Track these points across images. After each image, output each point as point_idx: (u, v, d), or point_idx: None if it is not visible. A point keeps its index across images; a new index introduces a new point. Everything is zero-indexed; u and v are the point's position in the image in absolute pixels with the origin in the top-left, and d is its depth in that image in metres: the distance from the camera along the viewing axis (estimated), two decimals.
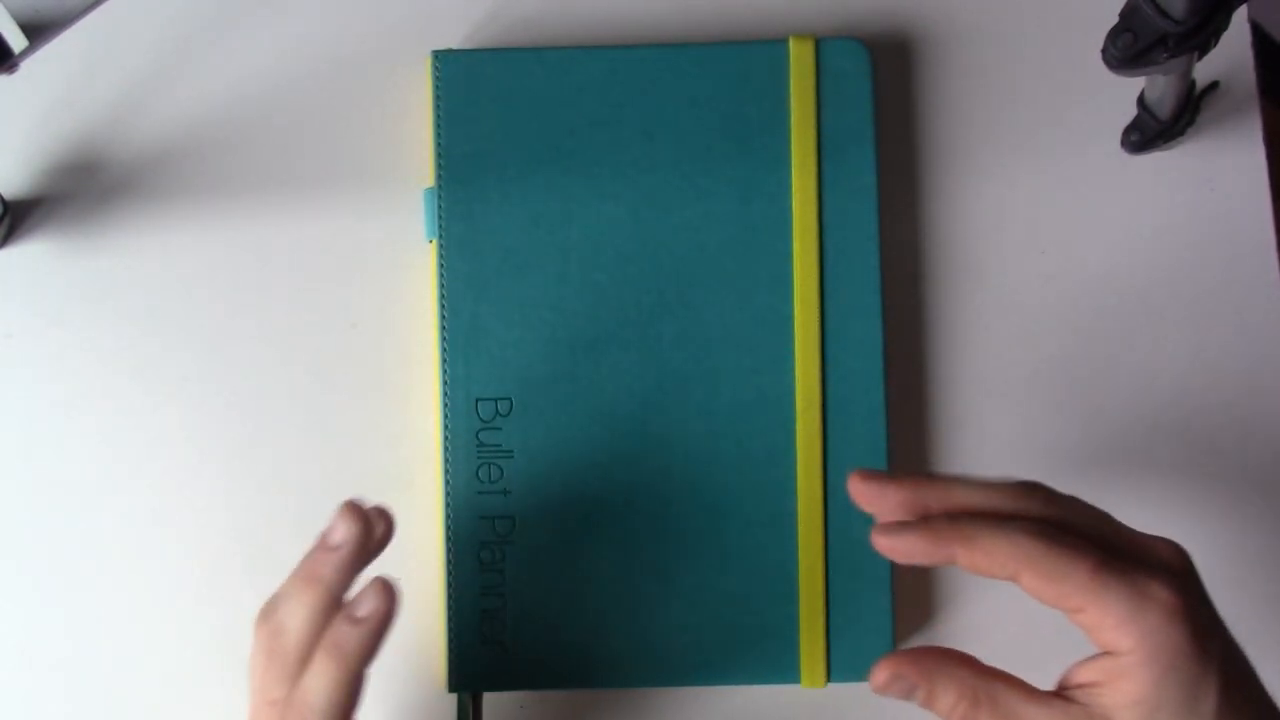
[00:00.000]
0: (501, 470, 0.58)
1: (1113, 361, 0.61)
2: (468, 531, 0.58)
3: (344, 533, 0.49)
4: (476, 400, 0.58)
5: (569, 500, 0.58)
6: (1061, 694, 0.46)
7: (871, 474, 0.48)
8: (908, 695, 0.47)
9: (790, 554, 0.58)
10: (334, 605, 0.49)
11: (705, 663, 0.58)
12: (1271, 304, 0.61)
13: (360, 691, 0.48)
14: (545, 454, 0.58)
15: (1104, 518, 0.48)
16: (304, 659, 0.48)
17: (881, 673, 0.47)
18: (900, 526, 0.47)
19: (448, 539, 0.58)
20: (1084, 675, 0.46)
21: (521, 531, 0.58)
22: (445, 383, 0.58)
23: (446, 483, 0.58)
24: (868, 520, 0.57)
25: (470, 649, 0.57)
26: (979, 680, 0.47)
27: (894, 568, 0.58)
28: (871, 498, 0.48)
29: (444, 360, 0.58)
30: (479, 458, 0.58)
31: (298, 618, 0.49)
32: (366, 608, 0.48)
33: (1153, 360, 0.61)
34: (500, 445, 0.58)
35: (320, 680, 0.48)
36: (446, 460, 0.58)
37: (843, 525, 0.58)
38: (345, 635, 0.48)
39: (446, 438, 0.58)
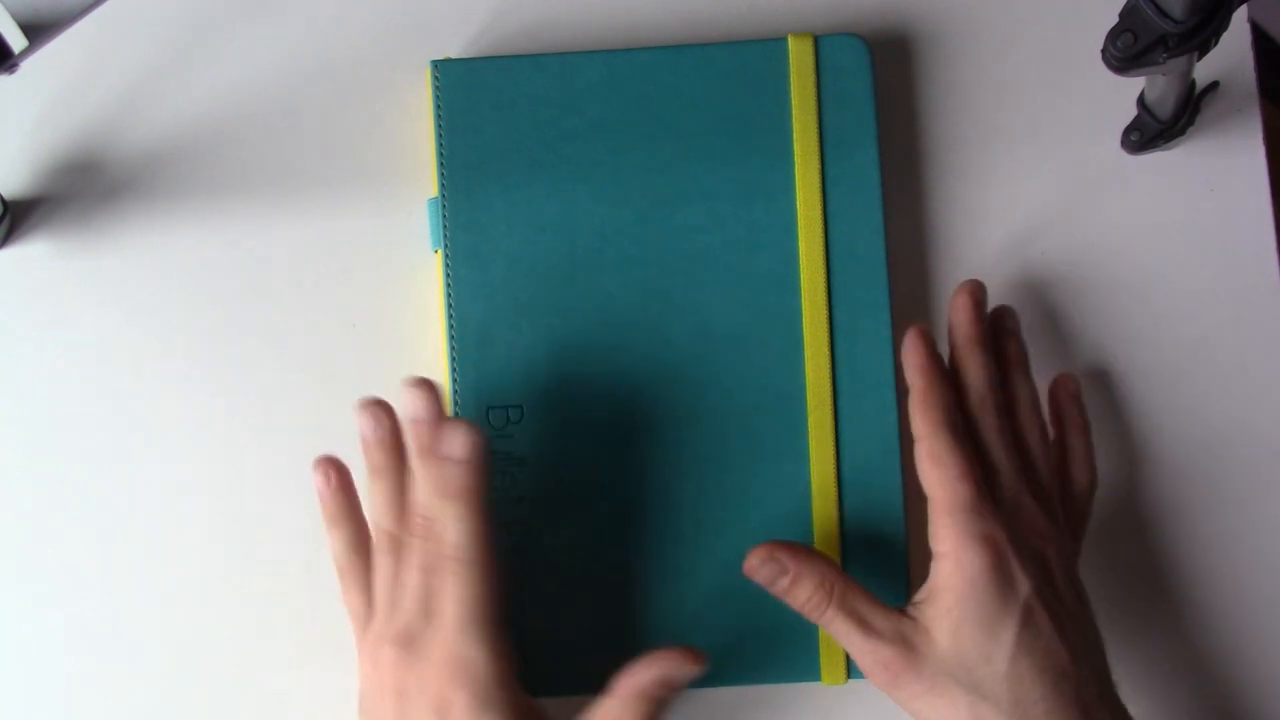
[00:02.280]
0: (515, 478, 0.58)
1: (1112, 360, 0.61)
2: None
3: (367, 421, 0.54)
4: (488, 409, 0.58)
5: (584, 505, 0.58)
6: (898, 608, 0.54)
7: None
8: (774, 579, 0.54)
9: None
10: (401, 483, 0.54)
11: (725, 663, 0.58)
12: (1271, 304, 0.61)
13: (491, 526, 0.52)
14: (558, 460, 0.58)
15: (1031, 450, 0.56)
16: (419, 527, 0.53)
17: (757, 555, 0.54)
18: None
19: None
20: (918, 593, 0.54)
21: (535, 539, 0.58)
22: (456, 392, 0.58)
23: None
24: (883, 518, 0.58)
25: None
26: (838, 578, 0.54)
27: (910, 564, 0.58)
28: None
29: (454, 370, 0.58)
30: (491, 466, 0.58)
31: (379, 508, 0.54)
32: (454, 446, 0.52)
33: (1152, 360, 0.61)
34: (513, 453, 0.58)
35: (452, 523, 0.52)
36: None
37: (858, 521, 0.58)
38: (449, 475, 0.52)
39: None
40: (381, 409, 0.55)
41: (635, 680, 0.52)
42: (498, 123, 0.59)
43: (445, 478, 0.52)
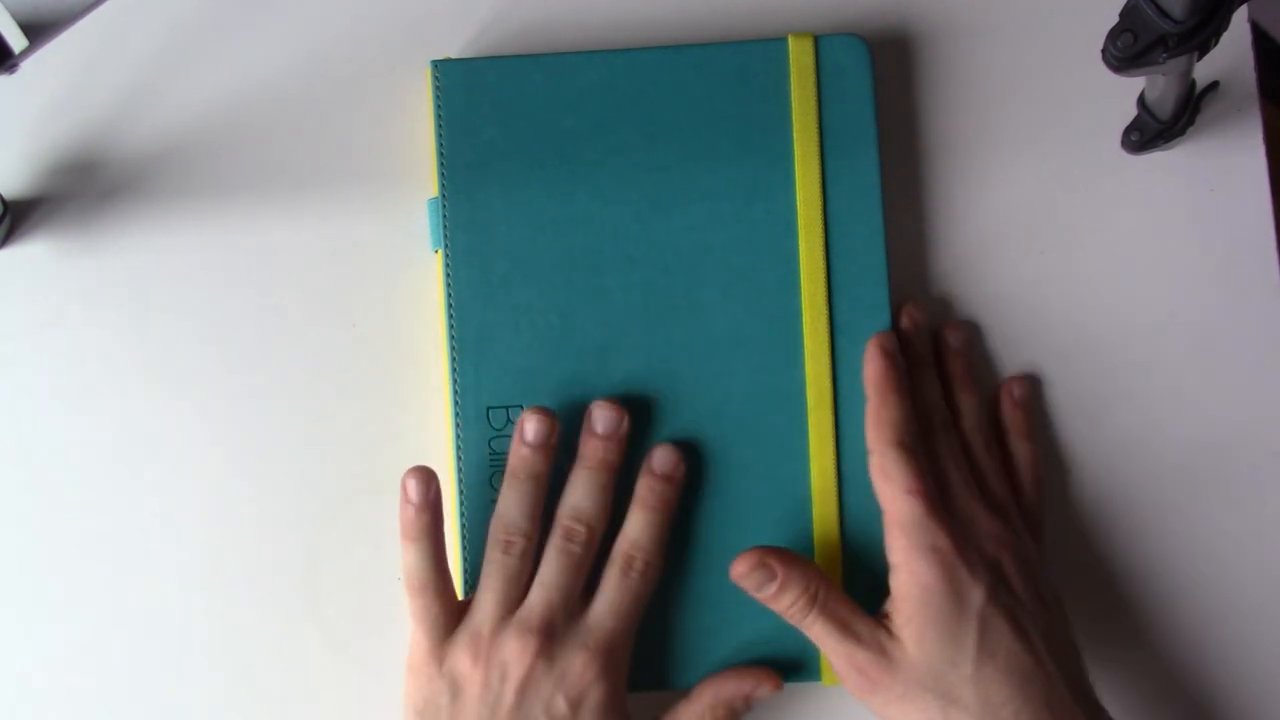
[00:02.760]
0: None
1: (1112, 360, 0.61)
2: (482, 540, 0.57)
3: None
4: (488, 409, 0.58)
5: None
6: (876, 615, 0.55)
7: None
8: (761, 585, 0.55)
9: (806, 551, 0.58)
10: (539, 492, 0.56)
11: (726, 664, 0.58)
12: (1271, 304, 0.61)
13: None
14: (558, 459, 0.58)
15: (979, 459, 0.58)
16: (569, 530, 0.56)
17: (746, 561, 0.55)
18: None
19: (463, 548, 0.58)
20: (885, 605, 0.56)
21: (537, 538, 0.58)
22: (456, 392, 0.58)
23: (460, 491, 0.58)
24: (882, 517, 0.57)
25: None
26: (822, 583, 0.55)
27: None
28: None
29: (454, 369, 0.58)
30: (491, 466, 0.58)
31: (515, 508, 0.56)
32: (660, 462, 0.57)
33: (1152, 360, 0.61)
34: None
35: (638, 527, 0.57)
36: (459, 469, 0.58)
37: (858, 522, 0.58)
38: (656, 490, 0.57)
39: (459, 446, 0.58)
40: (546, 418, 0.56)
41: (720, 689, 0.56)
42: (498, 123, 0.59)
43: (657, 491, 0.57)
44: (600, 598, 0.56)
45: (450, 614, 0.56)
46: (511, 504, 0.56)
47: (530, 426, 0.56)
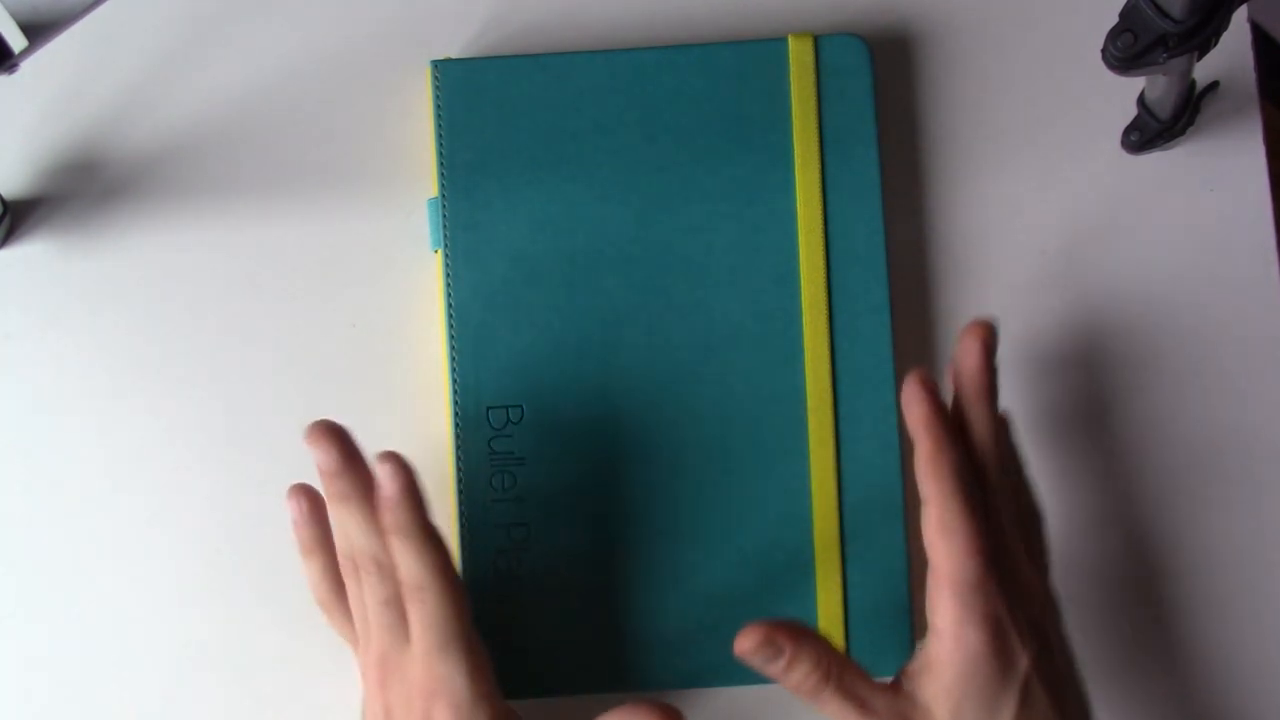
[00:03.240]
0: (515, 478, 0.58)
1: (1112, 361, 0.61)
2: (482, 539, 0.58)
3: (322, 453, 0.53)
4: (488, 408, 0.58)
5: (583, 506, 0.58)
6: (894, 684, 0.52)
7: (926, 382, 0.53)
8: (769, 661, 0.51)
9: (806, 553, 0.58)
10: (366, 509, 0.53)
11: (724, 665, 0.57)
12: (1271, 304, 0.61)
13: (443, 548, 0.52)
14: (558, 460, 0.58)
15: (1030, 521, 0.54)
16: (368, 566, 0.53)
17: (753, 637, 0.51)
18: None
19: (463, 547, 0.58)
20: (912, 665, 0.52)
21: (536, 538, 0.58)
22: (455, 392, 0.58)
23: (460, 491, 0.58)
24: (884, 519, 0.58)
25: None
26: (834, 658, 0.51)
27: (911, 564, 0.58)
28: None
29: (454, 369, 0.58)
30: (492, 466, 0.58)
31: (344, 538, 0.54)
32: (385, 486, 0.52)
33: (1152, 360, 0.61)
34: (513, 452, 0.58)
35: (404, 558, 0.52)
36: (459, 469, 0.58)
37: (858, 523, 0.58)
38: (392, 516, 0.52)
39: (459, 446, 0.58)
40: (335, 438, 0.53)
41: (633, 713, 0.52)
42: (498, 123, 0.59)
43: (388, 519, 0.52)
44: (413, 633, 0.52)
45: (353, 629, 0.55)
46: (356, 532, 0.54)
47: (315, 456, 0.53)
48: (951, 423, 0.52)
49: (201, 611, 0.60)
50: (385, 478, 0.52)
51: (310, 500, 0.56)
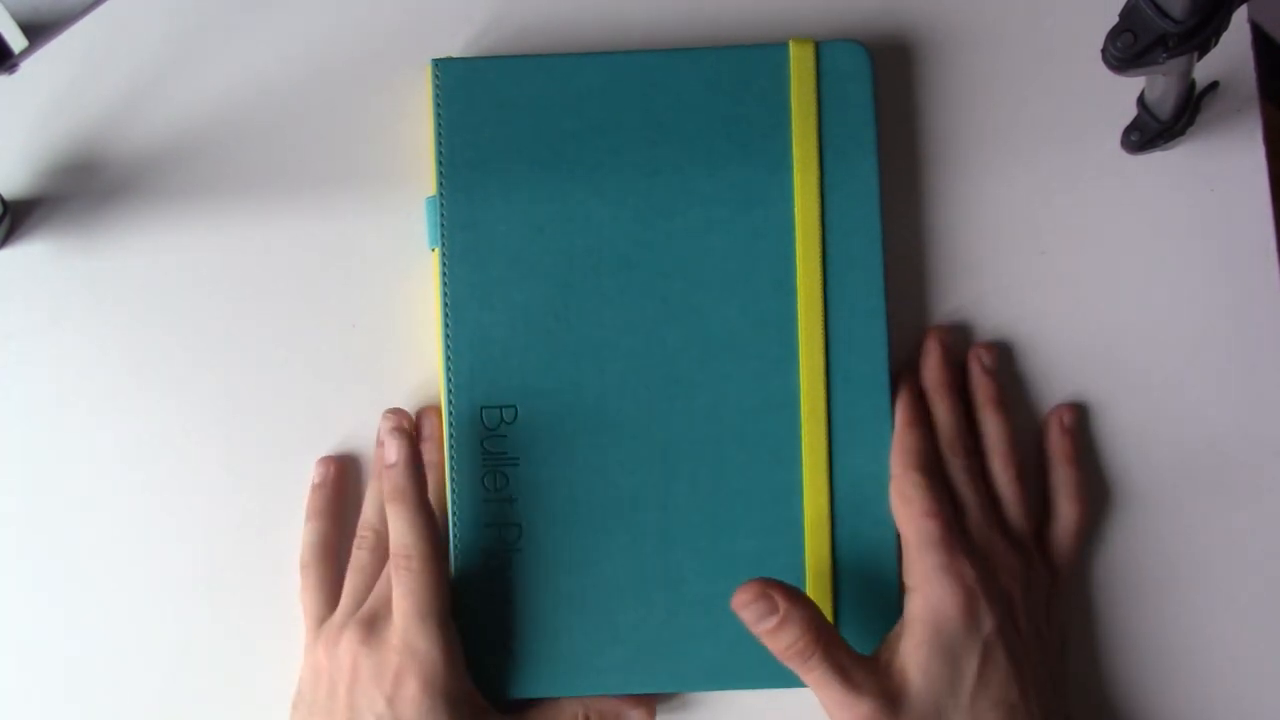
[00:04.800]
0: (507, 478, 0.58)
1: (1112, 361, 0.61)
2: (474, 539, 0.58)
3: (395, 449, 0.57)
4: (481, 408, 0.58)
5: (575, 506, 0.58)
6: (875, 656, 0.54)
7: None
8: (762, 618, 0.54)
9: (797, 557, 0.58)
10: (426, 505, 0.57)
11: (715, 666, 0.57)
12: (1271, 304, 0.61)
13: (433, 522, 0.56)
14: (551, 461, 0.58)
15: (1000, 487, 0.58)
16: (364, 538, 0.59)
17: (748, 590, 0.54)
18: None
19: (454, 547, 0.58)
20: (892, 632, 0.55)
21: (528, 539, 0.58)
22: (450, 390, 0.58)
23: (452, 491, 0.58)
24: (875, 523, 0.58)
25: (479, 656, 0.57)
26: (824, 625, 0.54)
27: (901, 570, 0.58)
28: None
29: (448, 368, 0.58)
30: (485, 465, 0.58)
31: (368, 508, 0.59)
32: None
33: (1152, 360, 0.61)
34: (506, 453, 0.58)
35: (396, 523, 0.56)
36: (452, 468, 0.58)
37: (849, 527, 0.58)
38: (391, 481, 0.56)
39: (452, 445, 0.58)
40: (401, 428, 0.58)
41: (602, 702, 0.57)
42: (497, 122, 0.59)
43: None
44: (394, 599, 0.55)
45: (324, 602, 0.58)
46: (367, 503, 0.59)
47: (391, 450, 0.57)
48: (921, 413, 0.58)
49: (201, 611, 0.60)
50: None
51: (336, 469, 0.60)
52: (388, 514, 0.56)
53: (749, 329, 0.58)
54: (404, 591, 0.55)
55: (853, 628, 0.58)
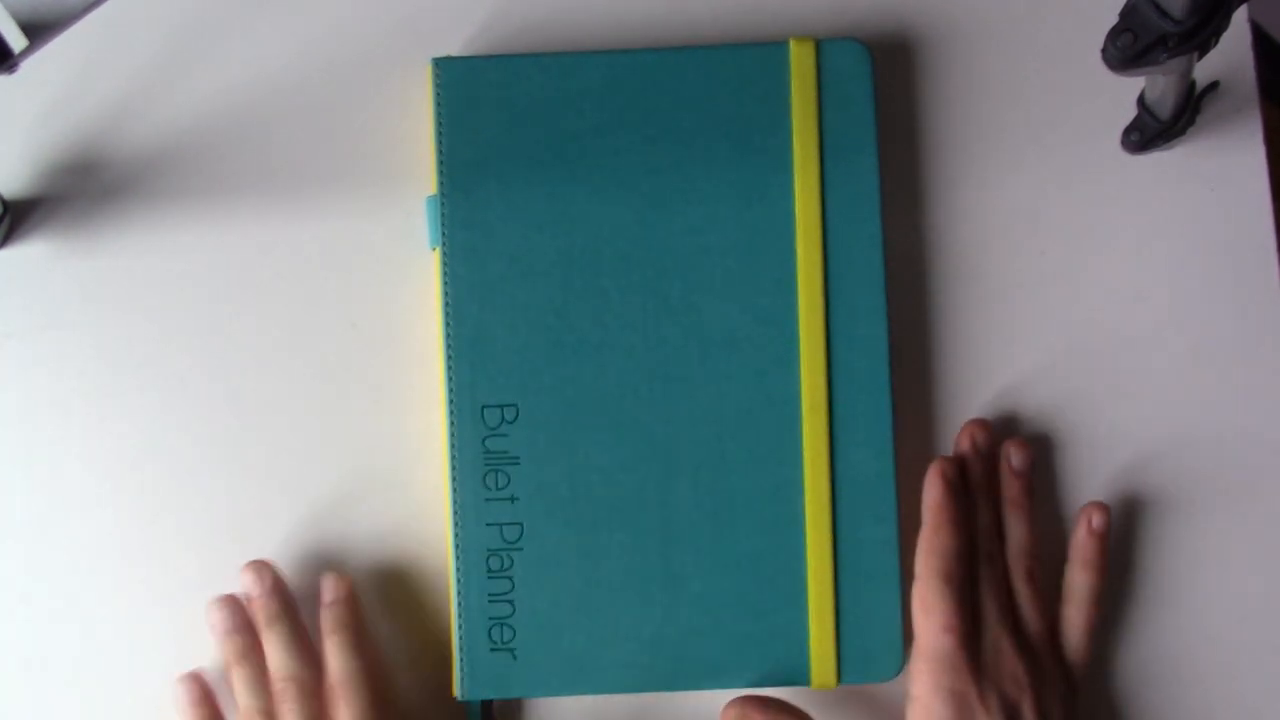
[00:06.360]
0: (509, 477, 0.58)
1: (1113, 361, 0.61)
2: (476, 538, 0.58)
3: (219, 614, 0.58)
4: (483, 407, 0.58)
5: (576, 506, 0.58)
6: None
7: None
8: None
9: (798, 555, 0.58)
10: (262, 662, 0.58)
11: (715, 666, 0.58)
12: (1271, 304, 0.61)
13: (369, 653, 0.57)
14: (552, 460, 0.58)
15: (1019, 594, 0.58)
16: (283, 690, 0.57)
17: (730, 711, 0.56)
18: None
19: (456, 546, 0.58)
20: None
21: (529, 538, 0.58)
22: (451, 390, 0.58)
23: (454, 490, 0.58)
24: (876, 521, 0.58)
25: (480, 656, 0.57)
26: None
27: (902, 569, 0.58)
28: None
29: (449, 367, 0.58)
30: (486, 464, 0.58)
31: (246, 691, 0.58)
32: (327, 592, 0.58)
33: (1152, 360, 0.61)
34: (507, 452, 0.58)
35: (335, 653, 0.57)
36: (453, 467, 0.58)
37: (850, 526, 0.58)
38: (328, 616, 0.58)
39: (453, 445, 0.58)
40: (230, 600, 0.58)
41: None
42: (498, 121, 0.59)
43: (325, 617, 0.58)
44: None
45: None
46: (240, 690, 0.58)
47: (211, 619, 0.58)
48: (955, 509, 0.58)
49: (200, 611, 0.60)
50: (328, 586, 0.58)
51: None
52: (326, 648, 0.57)
53: (749, 328, 0.58)
54: (356, 714, 0.56)
55: (853, 629, 0.58)
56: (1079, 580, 0.58)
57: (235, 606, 0.58)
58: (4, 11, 0.52)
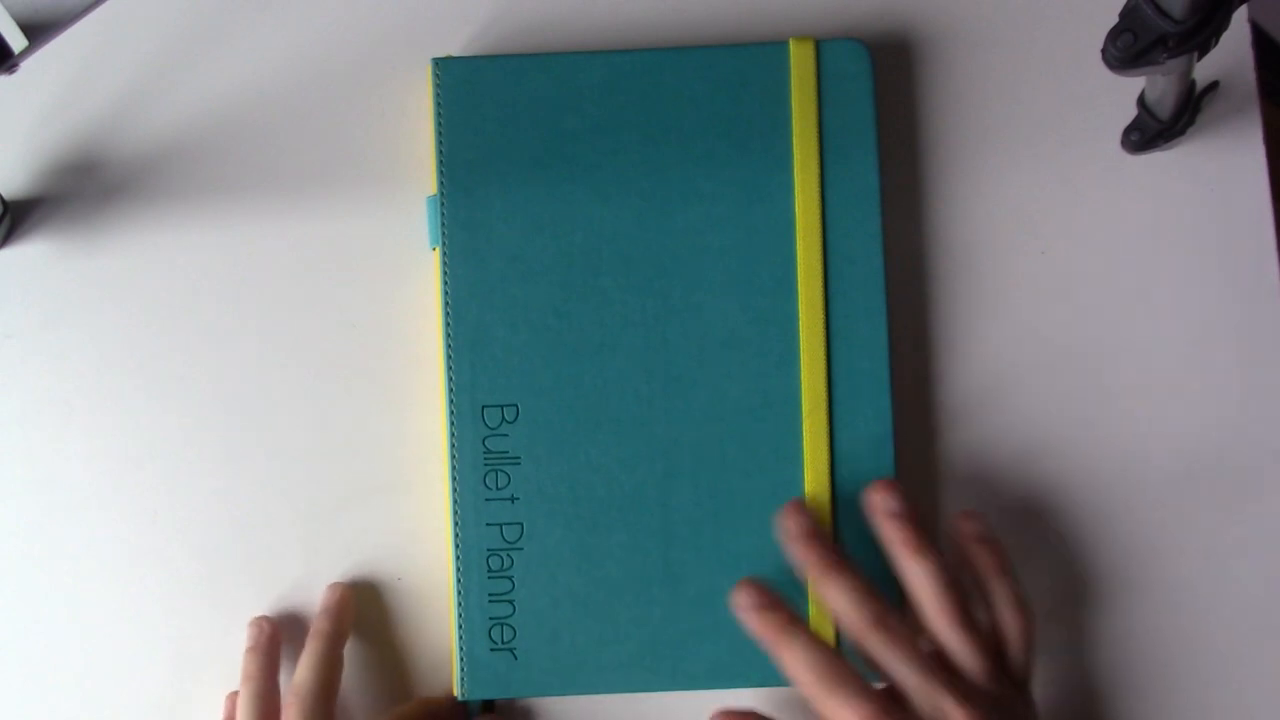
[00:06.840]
0: (509, 477, 0.58)
1: (1113, 361, 0.61)
2: (476, 538, 0.58)
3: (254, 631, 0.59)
4: (483, 407, 0.58)
5: (576, 505, 0.58)
6: None
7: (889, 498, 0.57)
8: None
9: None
10: (266, 687, 0.58)
11: (716, 666, 0.58)
12: (1271, 304, 0.61)
13: (337, 671, 0.58)
14: (552, 460, 0.58)
15: (954, 649, 0.54)
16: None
17: None
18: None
19: (456, 546, 0.58)
20: None
21: (530, 538, 0.58)
22: (451, 390, 0.58)
23: (454, 490, 0.58)
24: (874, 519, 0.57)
25: (481, 656, 0.57)
26: None
27: None
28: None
29: (449, 367, 0.58)
30: (486, 464, 0.58)
31: (244, 707, 0.58)
32: (322, 598, 0.59)
33: (1151, 360, 0.61)
34: (507, 451, 0.58)
35: (302, 662, 0.57)
36: (453, 467, 0.58)
37: (849, 526, 0.58)
38: (315, 621, 0.58)
39: (453, 445, 0.58)
40: (263, 620, 0.59)
41: None
42: (498, 121, 0.59)
43: (315, 624, 0.59)
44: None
45: None
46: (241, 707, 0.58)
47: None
48: (797, 624, 0.54)
49: (200, 611, 0.60)
50: (325, 593, 0.59)
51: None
52: (303, 652, 0.58)
53: (749, 327, 0.58)
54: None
55: None
56: (999, 590, 0.56)
57: (266, 626, 0.59)
58: (4, 11, 0.52)
